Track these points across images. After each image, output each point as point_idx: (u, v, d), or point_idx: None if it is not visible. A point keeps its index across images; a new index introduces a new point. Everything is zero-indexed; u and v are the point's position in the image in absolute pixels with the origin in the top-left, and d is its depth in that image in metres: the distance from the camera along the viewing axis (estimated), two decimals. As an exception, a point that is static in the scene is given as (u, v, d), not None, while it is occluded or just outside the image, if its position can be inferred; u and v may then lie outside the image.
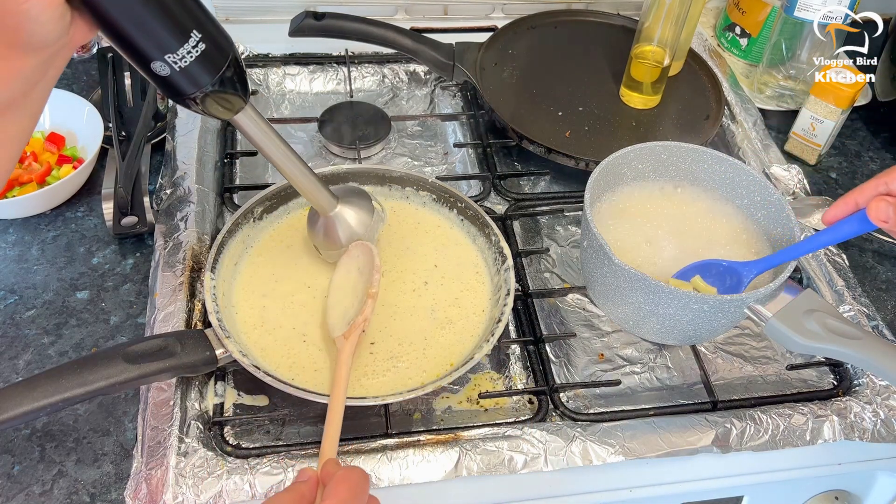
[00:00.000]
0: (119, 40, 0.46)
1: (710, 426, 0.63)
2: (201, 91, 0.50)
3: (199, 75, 0.49)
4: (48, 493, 0.60)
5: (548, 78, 0.95)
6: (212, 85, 0.50)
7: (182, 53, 0.47)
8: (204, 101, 0.51)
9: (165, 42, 0.46)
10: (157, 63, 0.47)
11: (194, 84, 0.49)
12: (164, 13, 0.46)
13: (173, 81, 0.48)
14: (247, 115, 0.56)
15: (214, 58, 0.49)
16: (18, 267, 0.75)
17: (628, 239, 0.68)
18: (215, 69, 0.50)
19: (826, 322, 0.56)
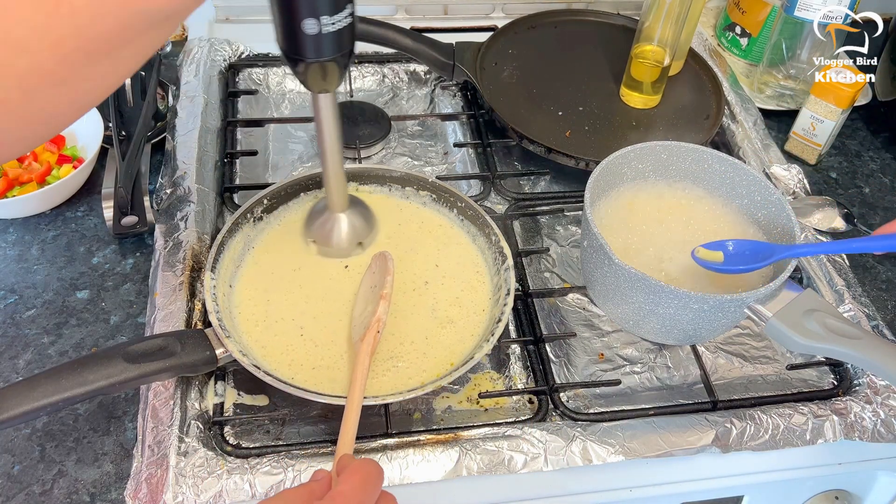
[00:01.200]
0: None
1: (710, 426, 0.63)
2: (325, 57, 0.54)
3: (333, 44, 0.53)
4: (48, 493, 0.60)
5: (548, 78, 0.95)
6: (338, 56, 0.54)
7: (335, 19, 0.51)
8: (318, 68, 0.55)
9: (329, 4, 0.50)
10: (310, 21, 0.50)
11: (326, 49, 0.53)
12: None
13: (312, 42, 0.52)
14: (330, 98, 0.60)
15: (349, 35, 0.54)
16: (18, 266, 0.75)
17: (628, 238, 0.68)
18: (346, 44, 0.54)
19: (826, 322, 0.56)
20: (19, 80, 0.41)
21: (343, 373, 0.64)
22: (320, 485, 0.47)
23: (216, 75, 0.93)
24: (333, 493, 0.45)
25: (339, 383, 0.63)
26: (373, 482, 0.46)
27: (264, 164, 0.88)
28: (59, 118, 0.46)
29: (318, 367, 0.64)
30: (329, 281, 0.71)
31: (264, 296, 0.69)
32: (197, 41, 0.95)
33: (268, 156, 0.89)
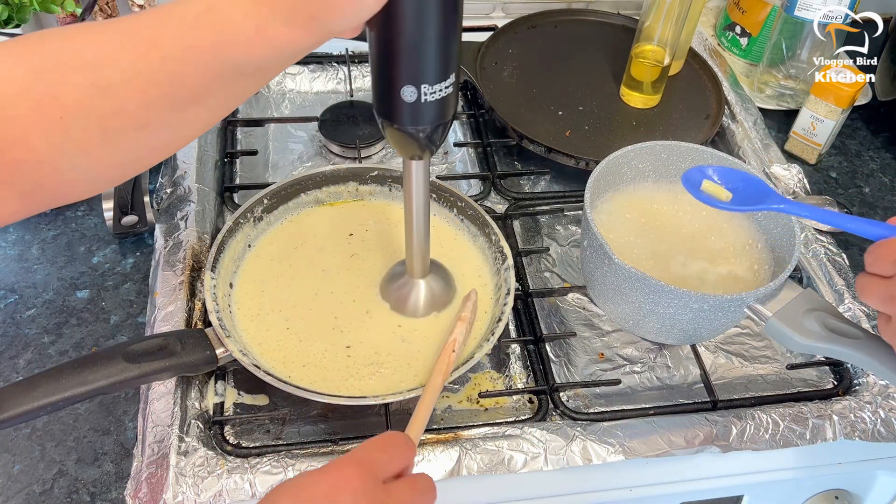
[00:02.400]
0: (387, 52, 0.46)
1: (710, 425, 0.63)
2: (422, 127, 0.50)
3: (431, 113, 0.49)
4: (48, 493, 0.60)
5: (548, 77, 0.95)
6: (433, 128, 0.50)
7: (436, 88, 0.47)
8: (411, 136, 0.51)
9: (432, 72, 0.47)
10: (409, 87, 0.47)
11: (423, 118, 0.49)
12: (448, 45, 0.46)
13: (409, 110, 0.48)
14: (423, 165, 0.56)
15: (449, 105, 0.50)
16: (18, 266, 0.75)
17: (628, 238, 0.68)
18: (443, 115, 0.50)
19: (826, 321, 0.56)
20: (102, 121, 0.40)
21: (332, 371, 0.64)
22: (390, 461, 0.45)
23: (216, 75, 0.93)
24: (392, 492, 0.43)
25: (331, 382, 0.63)
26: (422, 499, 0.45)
27: (264, 164, 0.88)
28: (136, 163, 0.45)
29: (307, 365, 0.64)
30: (324, 277, 0.71)
31: (261, 294, 0.69)
32: (197, 41, 0.95)
33: (268, 155, 0.89)
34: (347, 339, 0.67)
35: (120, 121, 0.41)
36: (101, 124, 0.40)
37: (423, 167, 0.57)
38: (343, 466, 0.43)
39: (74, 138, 0.41)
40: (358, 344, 0.66)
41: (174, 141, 0.45)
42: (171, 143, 0.45)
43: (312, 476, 0.42)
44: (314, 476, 0.42)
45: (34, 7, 0.75)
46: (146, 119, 0.41)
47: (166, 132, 0.43)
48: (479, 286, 0.72)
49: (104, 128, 0.41)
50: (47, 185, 0.43)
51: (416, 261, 0.66)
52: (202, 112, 0.43)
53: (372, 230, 0.76)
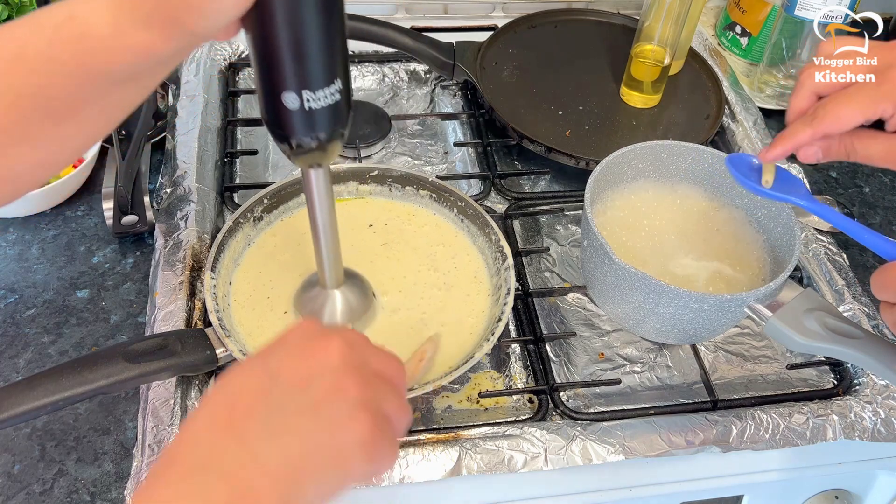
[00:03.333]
0: (266, 55, 0.43)
1: (711, 425, 0.63)
2: (311, 137, 0.47)
3: (318, 122, 0.46)
4: (48, 492, 0.60)
5: (548, 77, 0.95)
6: (322, 139, 0.47)
7: (319, 95, 0.45)
8: (303, 147, 0.48)
9: (312, 77, 0.44)
10: (290, 94, 0.44)
11: (309, 128, 0.47)
12: (327, 49, 0.43)
13: (292, 118, 0.46)
14: (323, 174, 0.53)
15: (339, 114, 0.47)
16: (18, 266, 0.75)
17: (628, 238, 0.68)
18: (333, 125, 0.47)
19: (826, 321, 0.56)
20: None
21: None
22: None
23: (216, 75, 0.93)
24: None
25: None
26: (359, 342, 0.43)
27: (264, 164, 0.88)
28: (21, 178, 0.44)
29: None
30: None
31: (260, 293, 0.69)
32: (197, 40, 0.95)
33: (268, 155, 0.89)
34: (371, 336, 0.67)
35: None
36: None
37: (322, 175, 0.53)
38: (296, 327, 0.42)
39: None
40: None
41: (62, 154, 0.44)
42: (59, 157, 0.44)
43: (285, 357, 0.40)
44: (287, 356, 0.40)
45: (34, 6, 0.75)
46: (24, 134, 0.41)
47: (49, 146, 0.42)
48: (478, 285, 0.72)
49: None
50: None
51: (328, 271, 0.62)
52: (83, 124, 0.42)
53: (372, 229, 0.76)
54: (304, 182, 0.54)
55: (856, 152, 0.52)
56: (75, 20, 0.38)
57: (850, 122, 0.50)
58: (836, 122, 0.51)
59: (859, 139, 0.52)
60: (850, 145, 0.52)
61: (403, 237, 0.75)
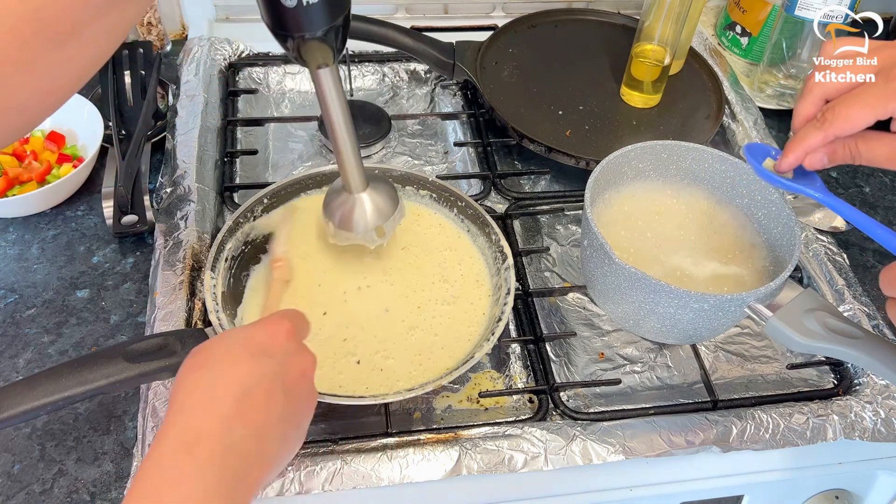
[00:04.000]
0: None
1: (711, 425, 0.63)
2: (313, 32, 0.50)
3: (318, 16, 0.49)
4: (48, 492, 0.60)
5: (548, 77, 0.95)
6: (324, 30, 0.50)
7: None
8: (307, 43, 0.51)
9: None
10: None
11: (310, 23, 0.49)
12: None
13: (293, 14, 0.48)
14: (330, 73, 0.55)
15: (337, 5, 0.50)
16: (18, 266, 0.75)
17: (628, 238, 0.68)
18: (333, 16, 0.50)
19: (826, 321, 0.56)
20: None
21: (332, 370, 0.64)
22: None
23: (216, 74, 0.93)
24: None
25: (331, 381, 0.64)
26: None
27: (264, 164, 0.88)
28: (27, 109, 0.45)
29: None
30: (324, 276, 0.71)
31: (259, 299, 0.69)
32: (197, 40, 0.95)
33: (268, 155, 0.89)
34: (347, 337, 0.67)
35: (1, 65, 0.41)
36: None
37: (331, 74, 0.55)
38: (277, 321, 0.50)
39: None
40: (358, 341, 0.66)
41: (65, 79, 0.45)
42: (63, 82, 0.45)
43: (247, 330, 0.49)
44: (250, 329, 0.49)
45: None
46: (26, 59, 0.41)
47: (52, 71, 0.43)
48: (478, 286, 0.72)
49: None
50: None
51: (351, 173, 0.63)
52: (84, 46, 0.43)
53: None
54: (315, 86, 0.56)
55: (860, 155, 0.52)
56: None
57: (860, 123, 0.50)
58: (846, 123, 0.51)
59: (864, 141, 0.52)
60: (855, 148, 0.52)
61: (418, 239, 0.75)
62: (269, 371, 0.46)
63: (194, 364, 0.47)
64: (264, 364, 0.46)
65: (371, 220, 0.66)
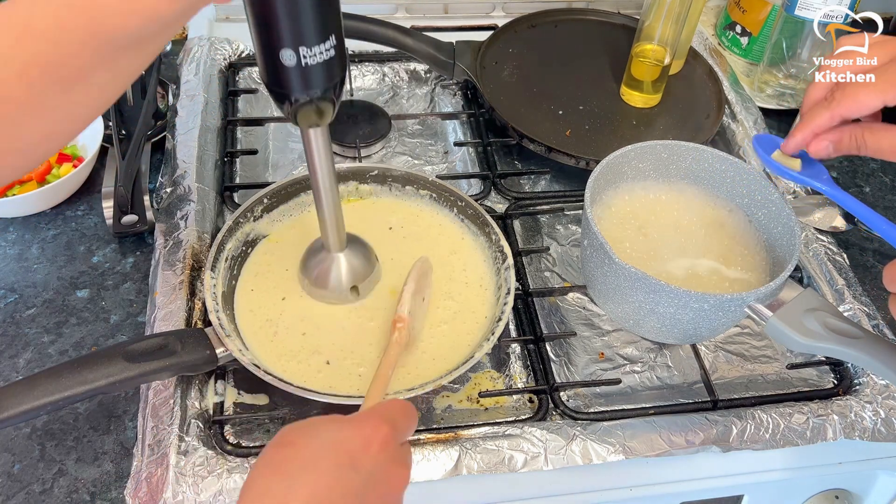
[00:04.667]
0: (263, 14, 0.46)
1: (711, 425, 0.63)
2: (309, 94, 0.50)
3: (316, 77, 0.49)
4: (48, 492, 0.60)
5: (548, 77, 0.95)
6: (322, 91, 0.50)
7: (315, 51, 0.47)
8: (304, 105, 0.51)
9: (307, 34, 0.47)
10: (287, 51, 0.47)
11: (307, 84, 0.49)
12: (320, 6, 0.46)
13: (291, 75, 0.48)
14: (321, 133, 0.56)
15: (335, 68, 0.50)
16: (18, 265, 0.75)
17: (628, 238, 0.68)
18: (330, 78, 0.50)
19: (826, 321, 0.56)
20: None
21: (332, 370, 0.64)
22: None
23: (216, 74, 0.93)
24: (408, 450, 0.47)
25: (331, 381, 0.63)
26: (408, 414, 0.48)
27: (264, 163, 0.88)
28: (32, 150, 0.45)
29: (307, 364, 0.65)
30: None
31: (260, 293, 0.69)
32: (197, 40, 0.95)
33: (268, 155, 0.89)
34: (347, 337, 0.67)
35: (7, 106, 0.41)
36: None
37: (322, 134, 0.56)
38: (375, 424, 0.45)
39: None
40: (358, 342, 0.66)
41: (69, 122, 0.45)
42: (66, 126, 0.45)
43: (342, 431, 0.44)
44: (345, 430, 0.44)
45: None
46: (33, 102, 0.42)
47: (58, 114, 0.43)
48: (479, 286, 0.72)
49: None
50: None
51: (331, 233, 0.64)
52: (91, 90, 0.43)
53: (372, 228, 0.76)
54: (304, 143, 0.57)
55: (866, 145, 0.52)
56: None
57: (868, 105, 0.50)
58: (854, 104, 0.50)
59: (871, 132, 0.52)
60: (861, 138, 0.52)
61: (402, 237, 0.75)
62: (352, 488, 0.41)
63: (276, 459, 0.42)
64: (346, 479, 0.41)
65: (346, 281, 0.67)
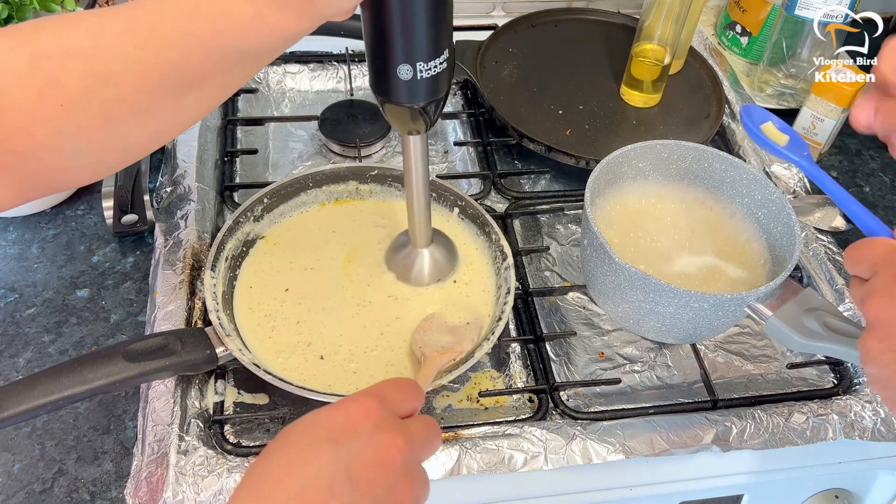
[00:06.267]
0: (382, 32, 0.47)
1: (711, 425, 0.63)
2: (419, 103, 0.52)
3: (428, 89, 0.51)
4: (48, 492, 0.60)
5: (548, 76, 0.95)
6: (432, 102, 0.53)
7: (430, 65, 0.50)
8: (409, 111, 0.53)
9: (425, 49, 0.49)
10: (405, 66, 0.49)
11: (420, 95, 0.51)
12: (439, 24, 0.48)
13: (406, 87, 0.50)
14: (420, 140, 0.59)
15: (445, 80, 0.52)
16: (18, 265, 0.75)
17: (628, 237, 0.68)
18: (440, 90, 0.52)
19: (826, 321, 0.56)
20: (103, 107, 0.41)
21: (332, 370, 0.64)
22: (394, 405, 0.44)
23: (216, 74, 0.92)
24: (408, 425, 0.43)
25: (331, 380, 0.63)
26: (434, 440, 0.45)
27: (264, 163, 0.88)
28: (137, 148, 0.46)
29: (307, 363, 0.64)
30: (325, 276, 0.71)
31: (260, 292, 0.70)
32: (197, 40, 0.95)
33: (268, 154, 0.89)
34: (348, 336, 0.67)
35: (121, 107, 0.41)
36: (102, 111, 0.41)
37: (421, 141, 0.59)
38: (360, 399, 0.43)
39: (77, 125, 0.41)
40: (358, 341, 0.66)
41: (175, 125, 0.46)
42: (172, 128, 0.46)
43: (327, 411, 0.42)
44: (329, 411, 0.42)
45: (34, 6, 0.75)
46: (147, 105, 0.42)
47: (167, 117, 0.44)
48: (479, 285, 0.72)
49: (106, 114, 0.41)
50: (48, 170, 0.44)
51: (419, 230, 0.68)
52: (201, 97, 0.44)
53: (372, 228, 0.76)
54: (403, 148, 0.60)
55: None
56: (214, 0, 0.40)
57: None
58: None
59: None
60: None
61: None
62: (331, 461, 0.40)
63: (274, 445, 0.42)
64: (326, 454, 0.40)
65: (429, 275, 0.71)
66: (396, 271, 0.71)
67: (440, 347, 0.64)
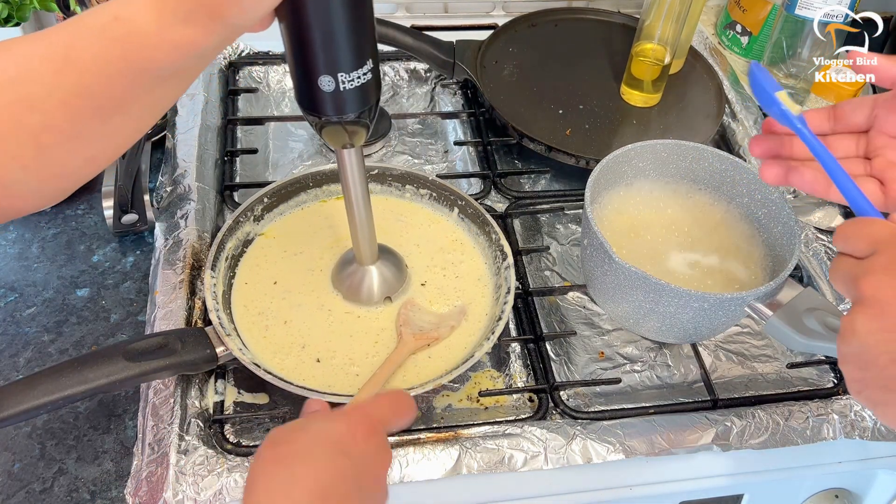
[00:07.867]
0: (300, 43, 0.46)
1: (711, 424, 0.63)
2: (345, 116, 0.50)
3: (353, 101, 0.50)
4: (48, 491, 0.60)
5: (548, 76, 0.95)
6: (357, 115, 0.51)
7: (353, 76, 0.48)
8: (338, 125, 0.52)
9: (345, 60, 0.47)
10: (325, 77, 0.47)
11: (344, 108, 0.50)
12: (357, 33, 0.46)
13: (329, 99, 0.49)
14: (354, 153, 0.57)
15: (371, 91, 0.50)
16: (19, 265, 0.75)
17: (628, 237, 0.68)
18: (366, 101, 0.51)
19: (826, 320, 0.56)
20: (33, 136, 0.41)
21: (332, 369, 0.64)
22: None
23: (216, 73, 0.93)
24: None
25: (331, 380, 0.64)
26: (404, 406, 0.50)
27: (264, 163, 0.88)
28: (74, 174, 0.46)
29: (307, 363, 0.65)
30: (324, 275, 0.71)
31: (260, 292, 0.70)
32: (197, 39, 0.95)
33: (268, 154, 0.89)
34: (347, 336, 0.67)
35: (50, 135, 0.42)
36: (33, 139, 0.41)
37: (355, 154, 0.57)
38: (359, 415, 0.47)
39: (10, 155, 0.41)
40: (358, 341, 0.66)
41: (108, 150, 0.46)
42: (106, 153, 0.46)
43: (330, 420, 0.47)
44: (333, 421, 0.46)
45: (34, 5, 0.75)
46: (75, 131, 0.42)
47: (98, 142, 0.44)
48: (479, 285, 0.72)
49: (37, 143, 0.42)
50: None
51: (364, 247, 0.66)
52: (129, 120, 0.44)
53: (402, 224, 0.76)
54: (338, 163, 0.58)
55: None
56: (121, 20, 0.39)
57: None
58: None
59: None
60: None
61: (402, 236, 0.75)
62: (347, 472, 0.44)
63: (274, 456, 0.44)
64: (342, 464, 0.44)
65: (378, 293, 0.69)
66: (343, 291, 0.69)
67: (419, 329, 0.65)
